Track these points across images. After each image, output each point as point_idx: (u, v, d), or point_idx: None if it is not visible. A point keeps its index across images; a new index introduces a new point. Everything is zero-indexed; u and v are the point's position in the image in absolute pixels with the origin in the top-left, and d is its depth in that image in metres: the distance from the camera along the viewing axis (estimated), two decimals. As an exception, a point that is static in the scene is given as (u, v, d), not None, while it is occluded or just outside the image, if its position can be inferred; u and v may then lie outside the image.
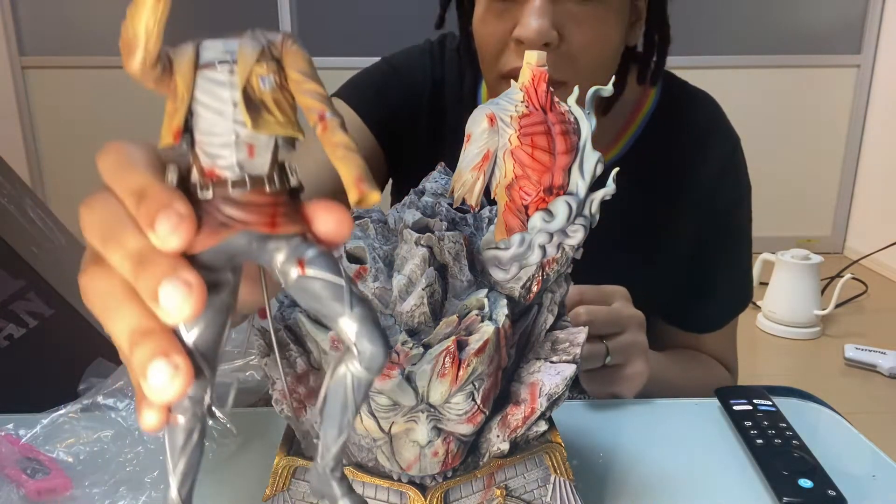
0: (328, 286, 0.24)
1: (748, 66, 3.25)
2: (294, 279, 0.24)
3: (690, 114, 0.86)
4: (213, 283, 0.24)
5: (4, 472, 0.52)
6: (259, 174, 0.24)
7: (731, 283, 0.90)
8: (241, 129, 0.23)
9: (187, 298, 0.23)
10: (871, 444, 0.60)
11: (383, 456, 0.38)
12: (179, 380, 0.23)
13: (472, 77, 0.86)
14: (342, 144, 0.24)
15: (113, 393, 0.61)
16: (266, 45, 0.24)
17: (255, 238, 0.24)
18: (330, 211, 0.25)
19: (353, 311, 0.24)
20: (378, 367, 0.25)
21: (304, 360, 0.40)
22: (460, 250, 0.38)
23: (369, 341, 0.24)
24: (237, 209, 0.24)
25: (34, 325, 0.90)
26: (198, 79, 0.23)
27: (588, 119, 0.37)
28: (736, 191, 0.87)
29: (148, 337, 0.24)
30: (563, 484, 0.42)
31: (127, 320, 0.24)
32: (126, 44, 0.22)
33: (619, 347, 0.65)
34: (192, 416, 0.25)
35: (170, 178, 0.24)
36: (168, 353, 0.23)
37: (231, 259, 0.25)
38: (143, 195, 0.24)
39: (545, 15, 0.66)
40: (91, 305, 0.26)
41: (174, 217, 0.23)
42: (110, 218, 0.25)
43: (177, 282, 0.23)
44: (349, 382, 0.25)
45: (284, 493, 0.41)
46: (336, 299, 0.24)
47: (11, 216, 0.92)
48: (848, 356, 2.27)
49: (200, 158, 0.24)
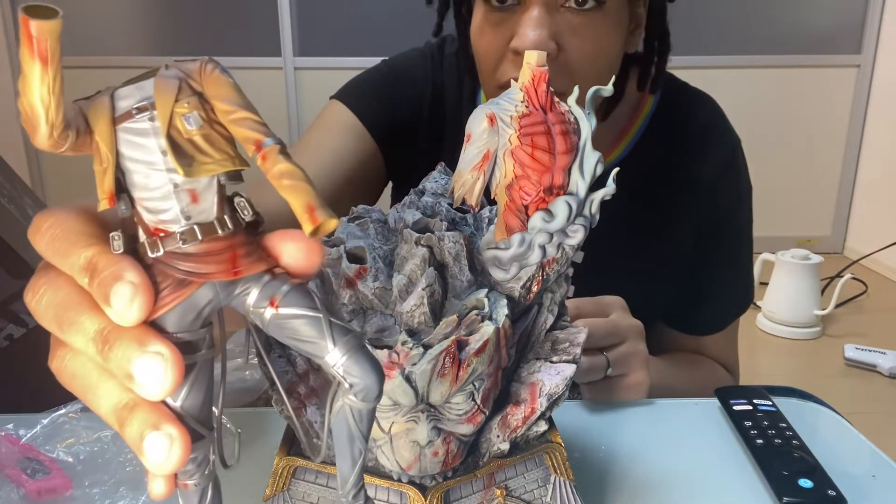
0: (306, 321, 0.23)
1: (748, 66, 3.25)
2: (269, 319, 0.23)
3: (690, 115, 0.86)
4: (187, 343, 0.23)
5: (4, 472, 0.52)
6: (207, 220, 0.22)
7: (732, 284, 0.90)
8: (177, 177, 0.21)
9: (164, 370, 0.22)
10: (871, 444, 0.60)
11: (383, 456, 0.38)
12: (177, 449, 0.22)
13: (472, 81, 0.86)
14: (286, 174, 0.22)
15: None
16: (183, 79, 0.22)
17: (219, 287, 0.23)
18: (296, 240, 0.24)
19: (337, 345, 0.23)
20: (374, 397, 0.24)
21: (304, 359, 0.40)
22: (460, 250, 0.38)
23: (360, 373, 0.23)
24: (193, 262, 0.22)
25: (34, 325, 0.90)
26: (119, 133, 0.22)
27: (588, 119, 0.37)
28: (736, 192, 0.87)
29: (134, 411, 0.22)
30: (563, 484, 0.42)
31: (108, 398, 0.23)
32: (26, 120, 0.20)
33: (619, 358, 0.65)
34: (201, 477, 0.25)
35: (115, 246, 0.22)
36: (159, 425, 0.22)
37: (200, 315, 0.23)
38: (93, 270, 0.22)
39: (543, 25, 0.66)
40: (69, 388, 0.24)
41: (128, 289, 0.21)
42: (61, 301, 0.23)
43: (149, 356, 0.22)
44: (349, 415, 0.24)
45: (284, 493, 0.41)
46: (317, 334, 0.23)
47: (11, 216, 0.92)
48: (848, 356, 2.27)
49: (143, 216, 0.22)
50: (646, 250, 0.85)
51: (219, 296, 0.23)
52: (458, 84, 0.87)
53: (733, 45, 3.24)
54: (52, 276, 0.24)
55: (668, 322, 0.91)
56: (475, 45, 0.74)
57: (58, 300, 0.23)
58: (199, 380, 0.24)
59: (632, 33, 0.75)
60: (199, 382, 0.24)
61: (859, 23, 3.22)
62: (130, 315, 0.22)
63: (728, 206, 0.86)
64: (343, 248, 0.39)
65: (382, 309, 0.38)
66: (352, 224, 0.41)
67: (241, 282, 0.23)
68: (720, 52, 3.23)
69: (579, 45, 0.68)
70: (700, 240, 0.86)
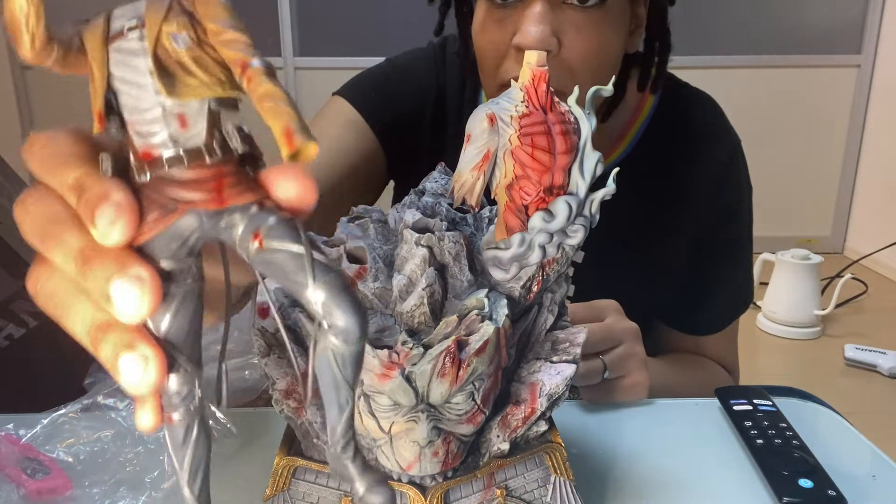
0: (289, 257, 0.22)
1: (748, 66, 3.25)
2: (254, 254, 0.22)
3: (691, 115, 0.86)
4: (170, 272, 0.23)
5: (4, 472, 0.52)
6: (195, 146, 0.22)
7: (732, 284, 0.90)
8: (166, 100, 0.21)
9: (141, 294, 0.21)
10: (871, 444, 0.60)
11: (383, 456, 0.38)
12: (152, 370, 0.22)
13: (474, 81, 0.86)
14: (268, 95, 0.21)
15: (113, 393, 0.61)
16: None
17: (205, 216, 0.22)
18: (288, 175, 0.23)
19: (317, 282, 0.22)
20: (356, 339, 0.23)
21: (304, 360, 0.40)
22: (460, 250, 0.38)
23: (340, 313, 0.22)
24: (179, 188, 0.22)
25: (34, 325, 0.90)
26: (111, 52, 0.21)
27: (588, 119, 0.37)
28: (736, 192, 0.87)
29: (109, 332, 0.22)
30: (563, 484, 0.42)
31: (83, 317, 0.23)
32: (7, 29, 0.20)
33: (616, 361, 0.65)
34: (186, 412, 0.24)
35: (104, 168, 0.22)
36: (133, 345, 0.22)
37: (185, 243, 0.23)
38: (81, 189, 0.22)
39: (545, 22, 0.66)
40: (44, 308, 0.24)
41: (112, 209, 0.21)
42: (47, 216, 0.23)
43: (127, 278, 0.21)
44: (332, 359, 0.23)
45: (284, 493, 0.41)
46: (299, 270, 0.22)
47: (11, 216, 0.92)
48: (848, 356, 2.27)
49: (133, 139, 0.22)
50: (646, 250, 0.85)
51: (204, 225, 0.22)
52: (460, 83, 0.87)
53: (733, 45, 3.24)
54: (42, 192, 0.24)
55: (668, 322, 0.91)
56: (477, 43, 0.74)
57: (45, 215, 0.23)
58: (183, 310, 0.23)
59: (632, 33, 0.75)
60: (182, 312, 0.23)
61: (859, 23, 3.22)
62: (113, 235, 0.21)
63: (728, 206, 0.86)
64: (343, 248, 0.39)
65: (382, 309, 0.38)
66: (352, 224, 0.41)
67: (227, 213, 0.22)
68: (720, 52, 3.23)
69: (580, 42, 0.68)
70: (700, 240, 0.86)
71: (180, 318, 0.23)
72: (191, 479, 0.25)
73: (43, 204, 0.23)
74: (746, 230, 0.89)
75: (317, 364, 0.24)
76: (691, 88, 0.88)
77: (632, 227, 0.82)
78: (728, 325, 0.90)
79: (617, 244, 0.76)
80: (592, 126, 0.37)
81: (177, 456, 0.24)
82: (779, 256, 2.52)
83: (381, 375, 0.34)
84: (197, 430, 0.25)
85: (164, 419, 0.24)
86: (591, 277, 0.59)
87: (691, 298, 0.88)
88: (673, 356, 0.88)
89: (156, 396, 0.24)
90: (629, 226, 0.81)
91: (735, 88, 3.18)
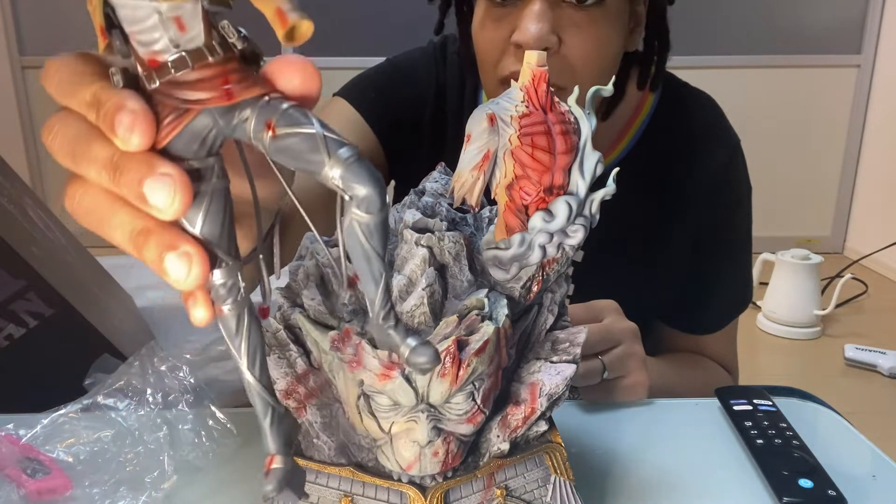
0: (302, 139, 0.23)
1: (748, 66, 3.26)
2: (269, 143, 0.24)
3: (690, 115, 0.86)
4: (195, 171, 0.24)
5: (4, 472, 0.52)
6: (196, 47, 0.23)
7: (731, 284, 0.90)
8: (160, 5, 0.22)
9: (173, 189, 0.23)
10: (871, 444, 0.60)
11: (383, 456, 0.38)
12: (197, 265, 0.24)
13: (474, 80, 0.86)
14: None
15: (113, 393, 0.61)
16: None
17: (217, 113, 0.24)
18: (290, 65, 0.24)
19: (333, 158, 0.23)
20: (378, 207, 0.24)
21: (304, 360, 0.40)
22: (460, 250, 0.38)
23: (358, 183, 0.23)
24: (188, 90, 0.23)
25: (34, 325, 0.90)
26: None
27: (588, 119, 0.37)
28: (736, 192, 0.87)
29: (150, 236, 0.24)
30: (563, 484, 0.42)
31: (124, 227, 0.25)
32: None
33: (615, 361, 0.64)
34: (234, 303, 0.26)
35: (115, 81, 0.24)
36: (175, 245, 0.24)
37: (204, 142, 0.24)
38: (98, 103, 0.24)
39: (544, 19, 0.66)
40: (85, 224, 0.26)
41: (128, 116, 0.23)
42: (74, 135, 0.25)
43: (157, 177, 0.23)
44: (359, 232, 0.24)
45: (284, 493, 0.41)
46: (313, 151, 0.23)
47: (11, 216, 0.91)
48: (848, 356, 2.27)
49: (138, 50, 0.23)
50: (645, 249, 0.85)
51: (219, 123, 0.24)
52: (461, 83, 0.87)
53: (733, 45, 3.24)
54: (64, 115, 0.25)
55: (667, 321, 0.91)
56: (476, 41, 0.75)
57: (70, 134, 0.25)
58: (213, 209, 0.25)
59: (632, 32, 0.75)
60: (213, 211, 0.25)
61: (859, 23, 3.22)
62: (134, 140, 0.23)
63: (728, 205, 0.86)
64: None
65: (382, 309, 0.38)
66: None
67: (239, 108, 0.24)
68: (720, 52, 3.23)
69: (580, 39, 0.68)
70: (699, 239, 0.86)
71: (212, 216, 0.25)
72: (250, 364, 0.26)
73: (67, 125, 0.25)
74: (746, 229, 0.89)
75: (346, 241, 0.25)
76: (691, 88, 0.89)
77: (631, 227, 0.82)
78: (727, 324, 0.90)
79: (616, 243, 0.76)
80: (592, 126, 0.37)
81: (233, 345, 0.26)
82: (779, 256, 2.52)
83: (381, 375, 0.34)
84: (248, 319, 0.26)
85: (216, 312, 0.26)
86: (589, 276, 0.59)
87: (691, 297, 0.88)
88: (672, 355, 0.88)
89: (204, 291, 0.25)
90: (628, 225, 0.81)
91: (735, 88, 3.18)
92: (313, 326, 0.37)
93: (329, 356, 0.37)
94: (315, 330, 0.37)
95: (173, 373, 0.64)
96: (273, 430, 0.28)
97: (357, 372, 0.35)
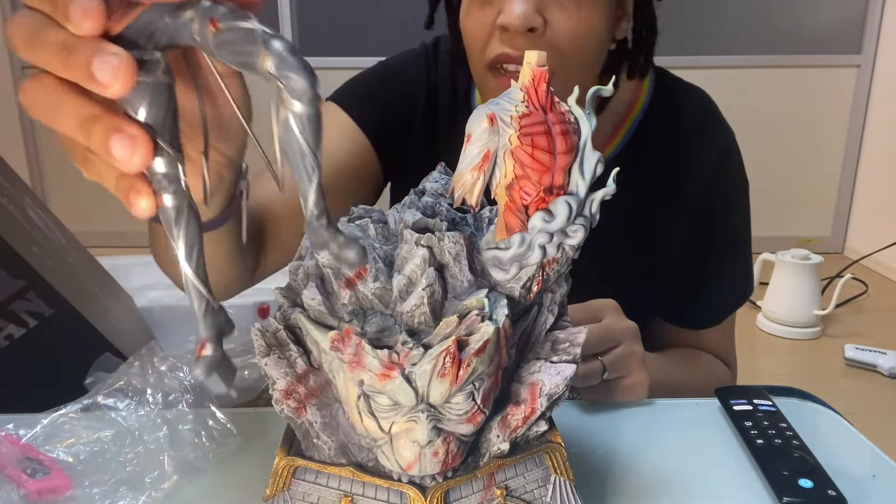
0: (241, 33, 0.25)
1: (748, 66, 3.26)
2: (211, 39, 0.26)
3: (684, 109, 0.86)
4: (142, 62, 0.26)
5: (4, 472, 0.52)
6: None
7: (730, 277, 0.90)
8: None
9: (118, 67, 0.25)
10: (871, 444, 0.60)
11: (383, 456, 0.38)
12: (141, 147, 0.26)
13: (466, 78, 0.86)
14: None
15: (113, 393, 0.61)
16: None
17: (165, 11, 0.26)
18: None
19: (269, 49, 0.25)
20: (311, 97, 0.25)
21: (304, 360, 0.40)
22: (460, 250, 0.38)
23: (293, 74, 0.25)
24: None
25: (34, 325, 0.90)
26: None
27: (588, 119, 0.37)
28: (732, 184, 0.87)
29: (98, 121, 0.26)
30: (563, 484, 0.42)
31: (72, 115, 0.27)
32: None
33: (615, 361, 0.64)
34: (175, 194, 0.28)
35: None
36: (121, 127, 0.26)
37: (153, 37, 0.27)
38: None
39: (528, 0, 0.66)
40: (37, 117, 0.28)
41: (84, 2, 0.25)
42: (31, 25, 0.27)
43: (105, 55, 0.25)
44: (294, 125, 0.25)
45: (284, 493, 0.41)
46: (250, 42, 0.25)
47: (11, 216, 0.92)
48: (848, 356, 2.27)
49: None
50: (643, 244, 0.85)
51: (166, 20, 0.26)
52: (453, 83, 0.87)
53: (733, 45, 3.24)
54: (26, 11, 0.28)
55: (666, 317, 0.91)
56: (464, 28, 0.75)
57: (29, 24, 0.27)
58: (157, 100, 0.27)
59: (619, 19, 0.75)
60: (156, 103, 0.27)
61: (859, 23, 3.22)
62: (86, 25, 0.25)
63: (724, 198, 0.86)
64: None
65: (382, 309, 0.38)
66: (352, 224, 0.41)
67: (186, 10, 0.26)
68: (720, 52, 3.23)
69: (566, 18, 0.68)
70: (696, 232, 0.86)
71: (156, 107, 0.27)
72: (188, 255, 0.28)
73: (27, 18, 0.28)
74: (743, 223, 0.89)
75: (281, 136, 0.26)
76: (684, 83, 0.89)
77: (628, 222, 0.82)
78: (726, 317, 0.90)
79: (613, 239, 0.76)
80: (593, 126, 0.37)
81: (172, 238, 0.28)
82: (779, 256, 2.52)
83: (381, 375, 0.34)
84: (187, 213, 0.28)
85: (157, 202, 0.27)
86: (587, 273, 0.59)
87: (689, 292, 0.88)
88: (671, 351, 0.88)
89: (146, 182, 0.27)
90: (625, 220, 0.81)
91: (734, 88, 3.19)
92: (313, 326, 0.37)
93: (329, 356, 0.37)
94: (315, 330, 0.37)
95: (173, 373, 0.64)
96: (206, 319, 0.29)
97: (357, 372, 0.35)
